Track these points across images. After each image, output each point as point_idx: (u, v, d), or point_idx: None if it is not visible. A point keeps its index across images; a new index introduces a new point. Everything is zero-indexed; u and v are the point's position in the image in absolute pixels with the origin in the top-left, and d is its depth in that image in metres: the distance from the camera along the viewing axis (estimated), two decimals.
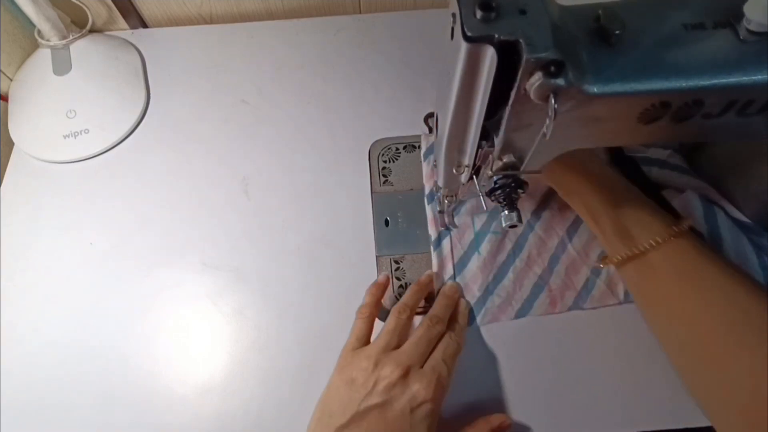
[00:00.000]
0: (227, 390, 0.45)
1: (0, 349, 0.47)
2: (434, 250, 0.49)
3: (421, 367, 0.40)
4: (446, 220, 0.50)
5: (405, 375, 0.38)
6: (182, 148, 0.56)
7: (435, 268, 0.49)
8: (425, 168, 0.54)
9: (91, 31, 0.60)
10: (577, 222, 0.50)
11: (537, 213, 0.51)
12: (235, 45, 0.63)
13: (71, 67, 0.57)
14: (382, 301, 0.47)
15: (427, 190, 0.52)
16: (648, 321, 0.41)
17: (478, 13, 0.26)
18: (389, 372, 0.38)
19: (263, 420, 0.43)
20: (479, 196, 0.38)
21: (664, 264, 0.38)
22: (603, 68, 0.28)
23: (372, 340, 0.43)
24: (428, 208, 0.51)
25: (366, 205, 0.52)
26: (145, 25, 0.65)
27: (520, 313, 0.46)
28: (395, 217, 0.51)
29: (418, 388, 0.38)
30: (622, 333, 0.45)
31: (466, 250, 0.49)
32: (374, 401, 0.38)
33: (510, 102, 0.29)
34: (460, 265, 0.49)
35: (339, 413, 0.38)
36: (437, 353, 0.41)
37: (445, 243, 0.50)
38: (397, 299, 0.46)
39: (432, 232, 0.50)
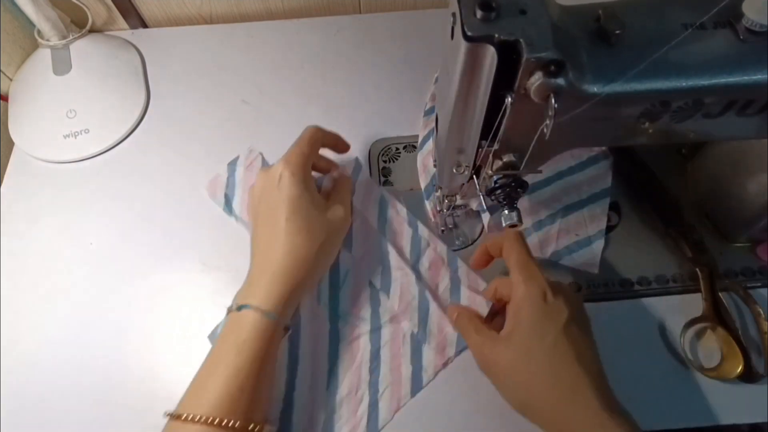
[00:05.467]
0: None
1: (0, 349, 0.47)
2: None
3: None
4: (445, 220, 0.50)
5: (268, 168, 0.44)
6: (182, 148, 0.56)
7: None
8: (419, 159, 0.52)
9: (91, 31, 0.60)
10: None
11: None
12: (235, 45, 0.62)
13: (71, 67, 0.57)
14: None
15: (423, 184, 0.51)
16: None
17: (478, 13, 0.26)
18: (260, 177, 0.44)
19: None
20: (479, 195, 0.38)
21: None
22: (603, 68, 0.28)
23: None
24: (427, 203, 0.51)
25: None
26: (145, 25, 0.65)
27: None
28: None
29: (275, 166, 0.43)
30: (622, 332, 0.45)
31: None
32: (254, 206, 0.44)
33: (510, 102, 0.29)
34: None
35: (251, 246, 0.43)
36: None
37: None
38: None
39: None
